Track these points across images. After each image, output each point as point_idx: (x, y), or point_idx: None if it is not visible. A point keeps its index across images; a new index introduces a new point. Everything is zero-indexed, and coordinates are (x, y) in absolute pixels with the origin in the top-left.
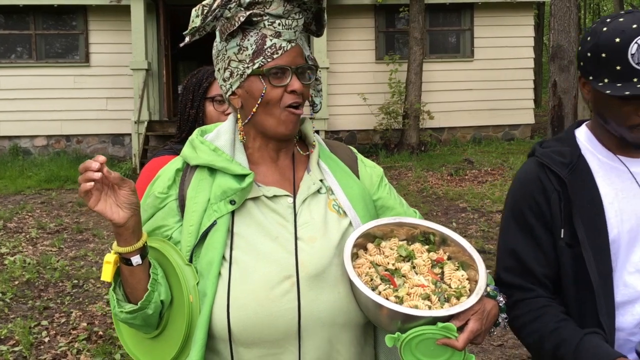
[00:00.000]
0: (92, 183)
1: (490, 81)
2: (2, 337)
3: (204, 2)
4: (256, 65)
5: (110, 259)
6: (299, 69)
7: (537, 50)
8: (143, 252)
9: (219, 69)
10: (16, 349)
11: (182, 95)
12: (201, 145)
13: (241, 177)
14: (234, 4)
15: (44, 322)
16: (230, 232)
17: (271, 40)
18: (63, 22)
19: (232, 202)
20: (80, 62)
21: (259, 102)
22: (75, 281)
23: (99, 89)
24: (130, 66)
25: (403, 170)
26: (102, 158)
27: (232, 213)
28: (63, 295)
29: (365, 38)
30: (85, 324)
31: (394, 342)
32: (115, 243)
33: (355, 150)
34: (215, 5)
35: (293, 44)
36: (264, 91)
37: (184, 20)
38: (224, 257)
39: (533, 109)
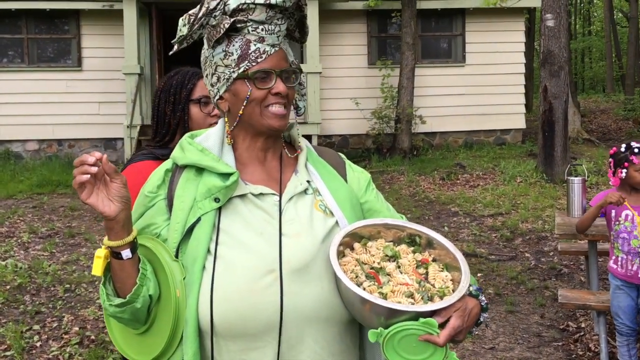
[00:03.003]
0: (88, 176)
1: (481, 86)
2: None
3: (190, 12)
4: (241, 69)
5: (100, 253)
6: (283, 72)
7: (528, 56)
8: (133, 246)
9: (206, 75)
10: (8, 353)
11: (158, 97)
12: (189, 146)
13: (226, 175)
14: (219, 12)
15: (36, 327)
16: (216, 227)
17: (255, 45)
18: (55, 26)
19: (216, 199)
20: (72, 66)
21: (244, 103)
22: (67, 285)
23: (91, 93)
24: (123, 70)
25: (395, 174)
26: (98, 154)
27: (219, 210)
28: (55, 299)
29: (358, 43)
30: (77, 329)
31: (376, 338)
32: (106, 237)
33: (343, 156)
34: (200, 14)
35: (277, 49)
36: (249, 93)
37: (176, 25)
38: (208, 251)
39: (524, 113)
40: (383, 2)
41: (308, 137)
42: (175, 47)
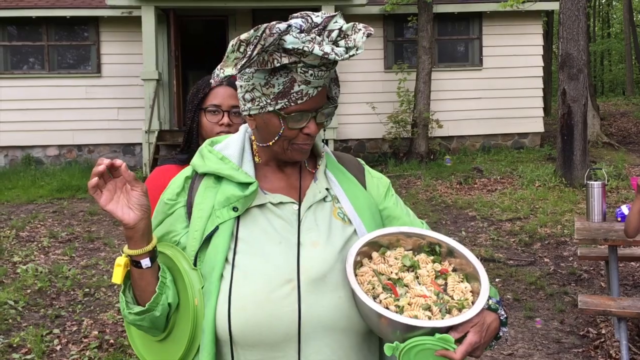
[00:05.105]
0: (96, 179)
1: (499, 90)
2: (15, 345)
3: (242, 37)
4: (279, 106)
5: (120, 261)
6: (319, 110)
7: (547, 59)
8: (153, 255)
9: (240, 85)
10: (28, 357)
11: (186, 105)
12: (209, 154)
13: (245, 185)
14: (272, 46)
15: (56, 331)
16: (235, 236)
17: (299, 86)
18: (75, 33)
19: (234, 209)
20: (91, 72)
21: (275, 138)
22: (87, 289)
23: (110, 99)
24: (141, 76)
25: (412, 179)
26: (119, 162)
27: (238, 219)
28: (74, 303)
29: (374, 47)
30: (96, 332)
31: (392, 352)
32: (126, 246)
33: (362, 162)
34: (255, 52)
35: (320, 89)
36: (281, 131)
37: (194, 31)
38: (227, 260)
39: (543, 117)
40: (399, 6)
41: (324, 142)
42: (222, 74)
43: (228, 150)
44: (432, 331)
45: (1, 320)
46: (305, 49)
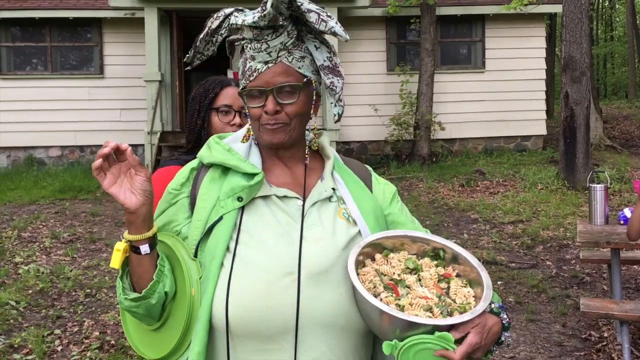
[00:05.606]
0: (100, 160)
1: (501, 92)
2: (16, 346)
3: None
4: (241, 86)
5: (120, 246)
6: (281, 88)
7: (550, 61)
8: (152, 242)
9: None
10: (29, 357)
11: (190, 105)
12: (216, 145)
13: (251, 175)
14: (225, 29)
15: (57, 331)
16: (238, 227)
17: (249, 62)
18: (78, 34)
19: (239, 198)
20: (94, 73)
21: (249, 121)
22: (88, 290)
23: (113, 100)
24: (144, 78)
25: (414, 181)
26: (125, 145)
27: (242, 210)
28: (76, 304)
29: (377, 49)
30: (97, 333)
31: (391, 350)
32: (126, 232)
33: (369, 167)
34: (202, 35)
35: (270, 65)
36: (246, 111)
37: (196, 32)
38: (228, 250)
39: (545, 120)
40: (402, 8)
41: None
42: (190, 64)
43: (235, 145)
44: (432, 330)
45: (2, 320)
46: (234, 20)
